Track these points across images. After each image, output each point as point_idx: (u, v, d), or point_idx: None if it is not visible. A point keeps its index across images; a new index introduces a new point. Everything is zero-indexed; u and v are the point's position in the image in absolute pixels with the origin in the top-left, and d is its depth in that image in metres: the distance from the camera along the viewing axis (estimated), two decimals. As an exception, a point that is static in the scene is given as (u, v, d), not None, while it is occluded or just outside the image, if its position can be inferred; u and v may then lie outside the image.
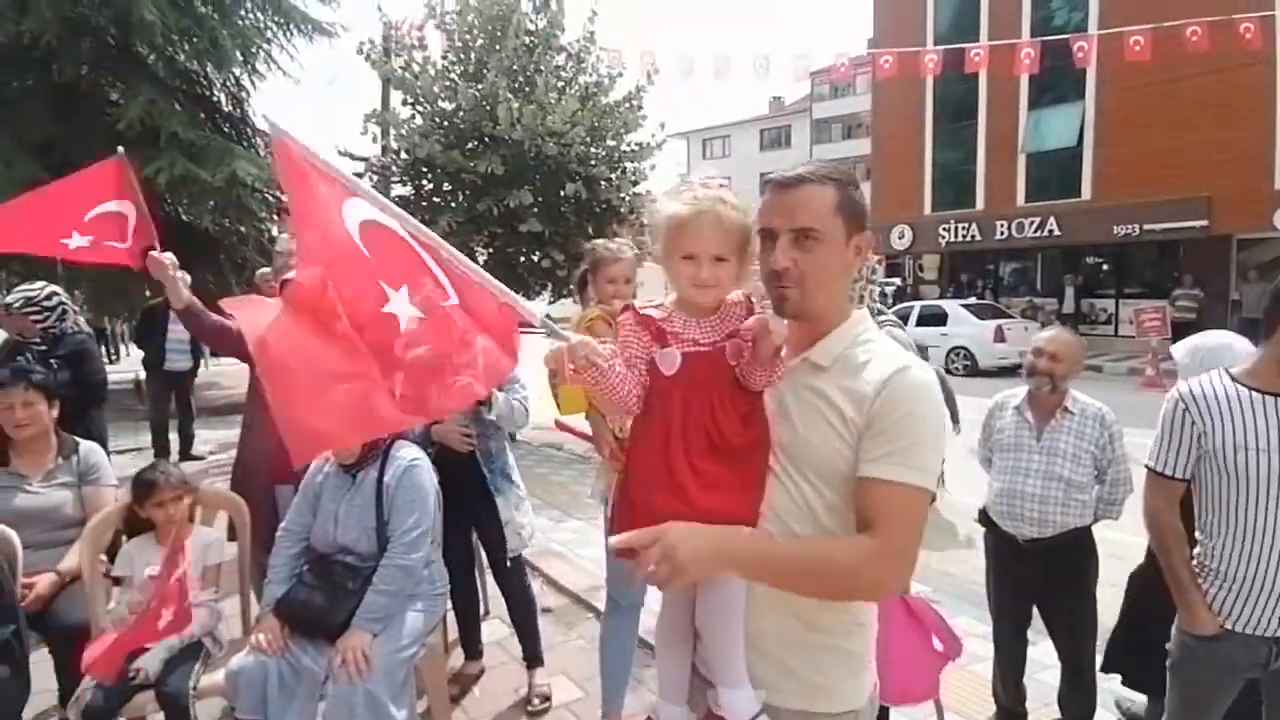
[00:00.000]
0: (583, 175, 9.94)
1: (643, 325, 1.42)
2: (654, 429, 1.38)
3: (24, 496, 3.06)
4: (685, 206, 1.38)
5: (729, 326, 1.42)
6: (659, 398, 1.39)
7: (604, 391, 1.40)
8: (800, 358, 1.42)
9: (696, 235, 1.37)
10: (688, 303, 1.43)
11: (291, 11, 12.98)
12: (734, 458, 1.36)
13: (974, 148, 20.62)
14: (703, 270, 1.37)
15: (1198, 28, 11.45)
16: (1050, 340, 3.04)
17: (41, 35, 10.12)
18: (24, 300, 4.36)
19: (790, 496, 1.37)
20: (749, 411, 1.40)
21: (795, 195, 1.37)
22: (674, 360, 1.38)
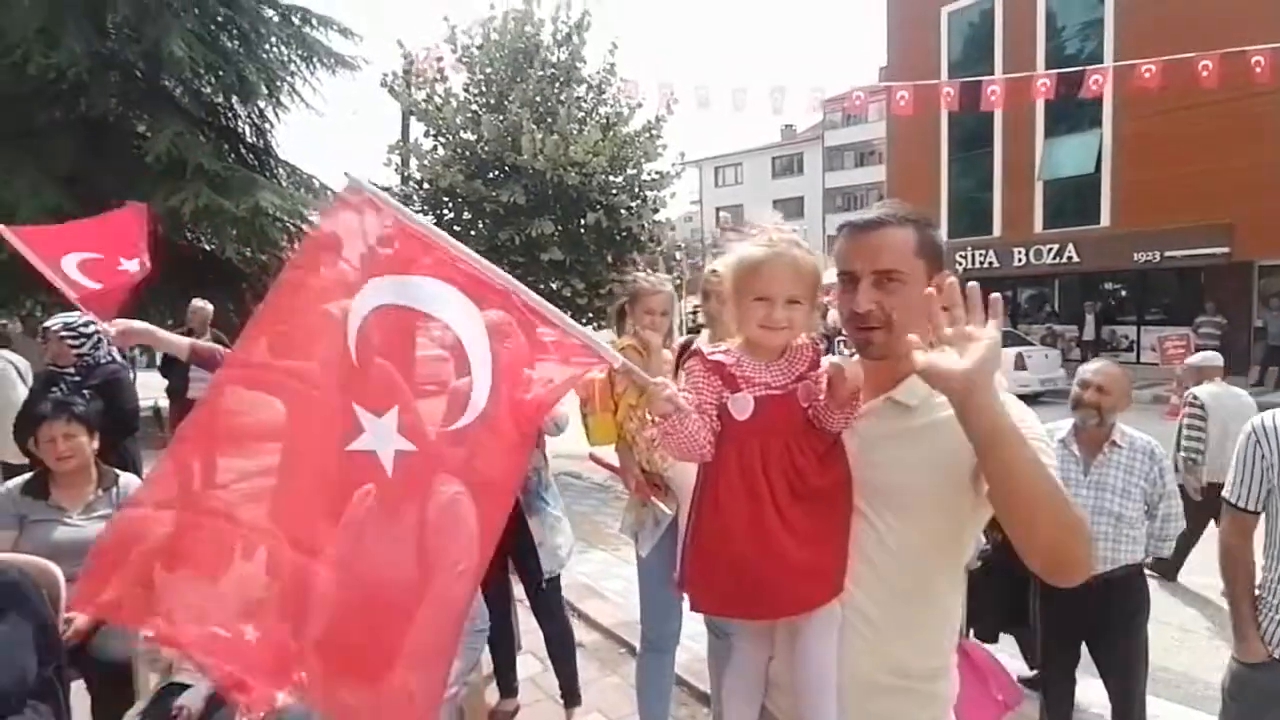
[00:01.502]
0: (604, 204, 10.02)
1: (713, 370, 1.40)
2: (731, 476, 1.35)
3: (63, 529, 3.04)
4: (761, 249, 1.39)
5: (798, 369, 1.41)
6: (733, 444, 1.37)
7: (681, 438, 1.37)
8: (883, 398, 1.41)
9: (771, 277, 1.37)
10: (757, 345, 1.42)
11: (315, 45, 13.29)
12: (817, 501, 1.34)
13: (990, 175, 20.65)
14: (776, 312, 1.37)
15: (1208, 61, 11.48)
16: (1097, 372, 3.00)
17: (71, 69, 10.37)
18: (63, 325, 4.40)
19: (879, 538, 1.35)
20: (826, 452, 1.38)
21: (875, 238, 1.37)
22: (747, 405, 1.37)
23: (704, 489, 1.42)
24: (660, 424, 1.38)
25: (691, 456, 1.40)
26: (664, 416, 1.37)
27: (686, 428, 1.36)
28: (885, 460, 1.36)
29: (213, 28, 12.33)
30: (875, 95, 15.96)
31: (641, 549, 3.01)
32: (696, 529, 1.41)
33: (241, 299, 12.42)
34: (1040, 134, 19.41)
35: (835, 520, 1.35)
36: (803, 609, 1.34)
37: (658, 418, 1.39)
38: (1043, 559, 1.16)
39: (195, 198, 10.69)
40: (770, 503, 1.31)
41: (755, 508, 1.31)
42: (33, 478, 3.13)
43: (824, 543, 1.33)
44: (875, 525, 1.35)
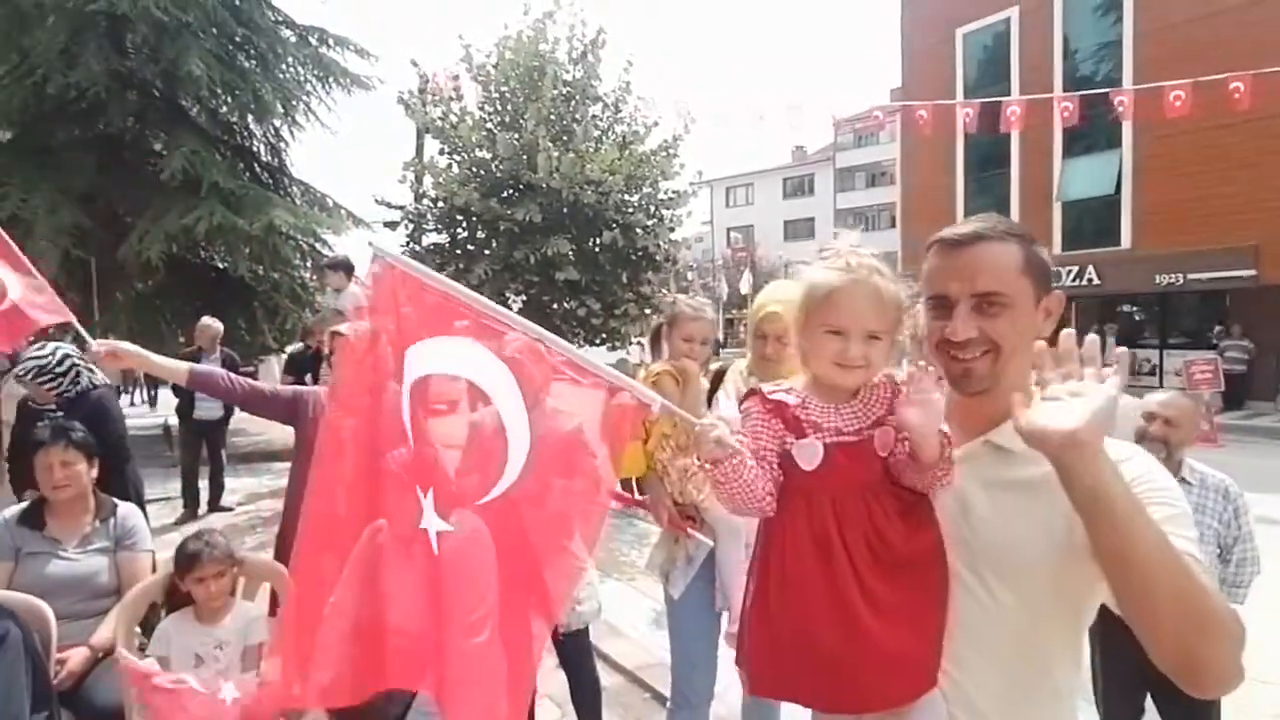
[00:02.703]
0: (620, 223, 9.91)
1: (774, 412, 1.22)
2: (799, 537, 1.16)
3: (58, 563, 2.88)
4: (837, 275, 1.21)
5: (874, 413, 1.22)
6: (800, 498, 1.18)
7: (735, 488, 1.18)
8: (981, 440, 1.21)
9: (849, 308, 1.19)
10: (829, 384, 1.23)
11: (332, 65, 13.30)
12: (905, 571, 1.13)
13: (1007, 196, 20.46)
14: (852, 348, 1.19)
15: (1240, 84, 11.33)
16: (1165, 404, 2.80)
17: (90, 88, 10.38)
18: (36, 370, 4.06)
19: (984, 611, 1.14)
20: (911, 510, 1.18)
21: (973, 255, 1.18)
22: (815, 453, 1.18)
23: (766, 549, 1.22)
24: (711, 470, 1.20)
25: (748, 509, 1.21)
26: (713, 462, 1.19)
27: (741, 476, 1.17)
28: (987, 516, 1.17)
29: (230, 48, 12.35)
30: (894, 114, 15.86)
31: (673, 589, 2.80)
32: (759, 596, 1.21)
33: (254, 317, 12.34)
34: (1058, 155, 19.24)
35: (929, 593, 1.14)
36: (893, 703, 1.13)
37: (707, 464, 1.21)
38: (1170, 661, 0.97)
39: (210, 215, 10.63)
40: (850, 573, 1.11)
41: (832, 578, 1.12)
42: (29, 507, 2.98)
43: (917, 621, 1.12)
44: (977, 595, 1.15)
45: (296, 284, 12.91)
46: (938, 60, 21.41)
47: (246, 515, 7.83)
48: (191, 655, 2.52)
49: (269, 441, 11.64)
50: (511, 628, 1.42)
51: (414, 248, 11.26)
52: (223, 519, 7.60)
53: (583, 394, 1.31)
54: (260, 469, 10.27)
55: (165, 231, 10.47)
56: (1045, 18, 19.22)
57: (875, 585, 1.11)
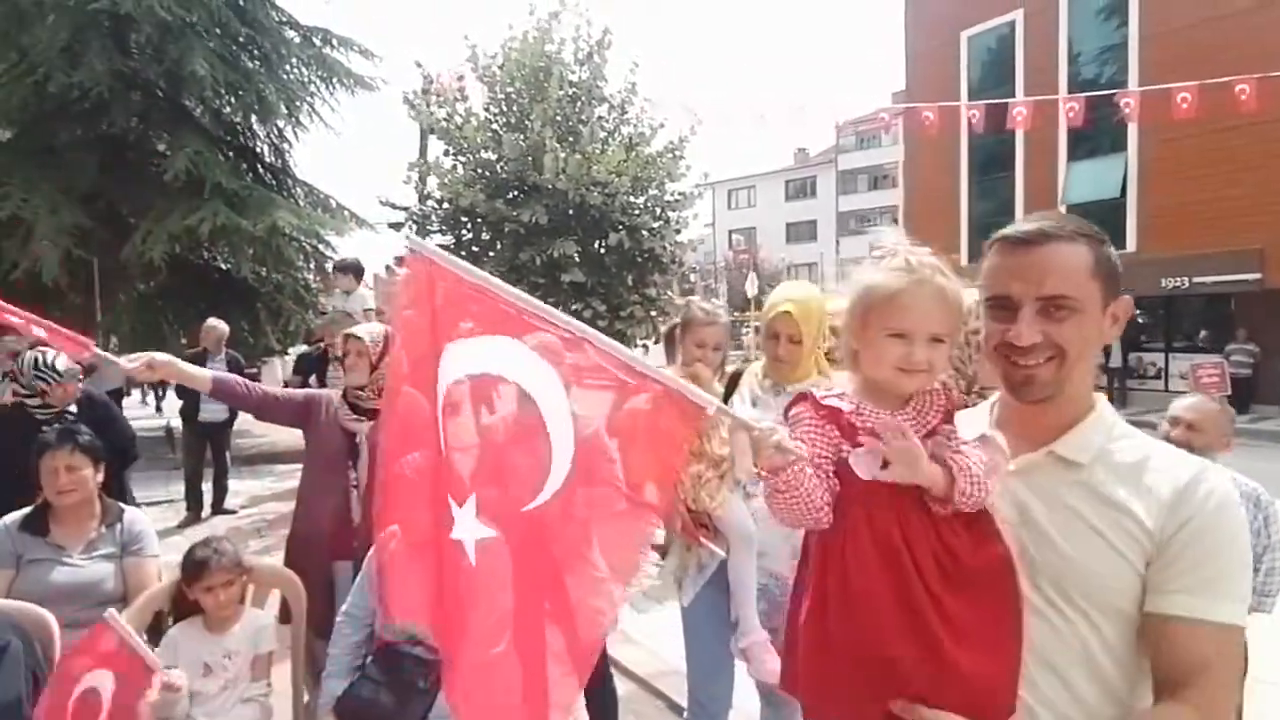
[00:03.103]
0: (626, 225, 9.85)
1: (828, 418, 1.16)
2: (863, 550, 1.09)
3: (62, 570, 2.81)
4: (900, 276, 1.14)
5: (930, 419, 1.16)
6: (859, 509, 1.11)
7: (795, 498, 1.12)
8: (1044, 451, 1.16)
9: (913, 310, 1.13)
10: (886, 388, 1.17)
11: (335, 66, 13.26)
12: (975, 587, 1.07)
13: (1011, 198, 20.41)
14: (916, 351, 1.13)
15: (1246, 86, 11.28)
16: (1189, 408, 2.74)
17: (93, 88, 10.34)
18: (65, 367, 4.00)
19: (1057, 631, 1.09)
20: (975, 523, 1.11)
21: (1041, 256, 1.13)
22: (874, 461, 1.11)
23: (822, 564, 1.15)
24: (769, 480, 1.13)
25: (805, 521, 1.14)
26: (774, 470, 1.12)
27: (803, 485, 1.10)
28: (1052, 532, 1.11)
29: (234, 48, 12.32)
30: (898, 116, 15.83)
31: (684, 598, 2.75)
32: (815, 615, 1.14)
33: (257, 318, 12.29)
34: (1063, 157, 19.19)
35: (1003, 611, 1.08)
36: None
37: (765, 472, 1.14)
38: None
39: (213, 216, 10.59)
40: (922, 589, 1.05)
41: (903, 596, 1.05)
42: (32, 512, 2.90)
43: (994, 641, 1.06)
44: (1046, 615, 1.09)
45: (300, 285, 12.87)
46: (942, 62, 21.36)
47: (250, 518, 7.78)
48: (200, 665, 2.46)
49: (272, 444, 11.60)
50: (530, 639, 1.36)
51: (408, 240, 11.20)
52: (226, 522, 7.55)
53: (635, 395, 1.23)
54: (263, 471, 10.22)
55: (168, 232, 10.42)
56: (1050, 20, 19.18)
57: (948, 603, 1.05)
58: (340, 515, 3.01)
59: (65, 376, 3.93)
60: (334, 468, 3.06)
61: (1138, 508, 1.07)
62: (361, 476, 3.03)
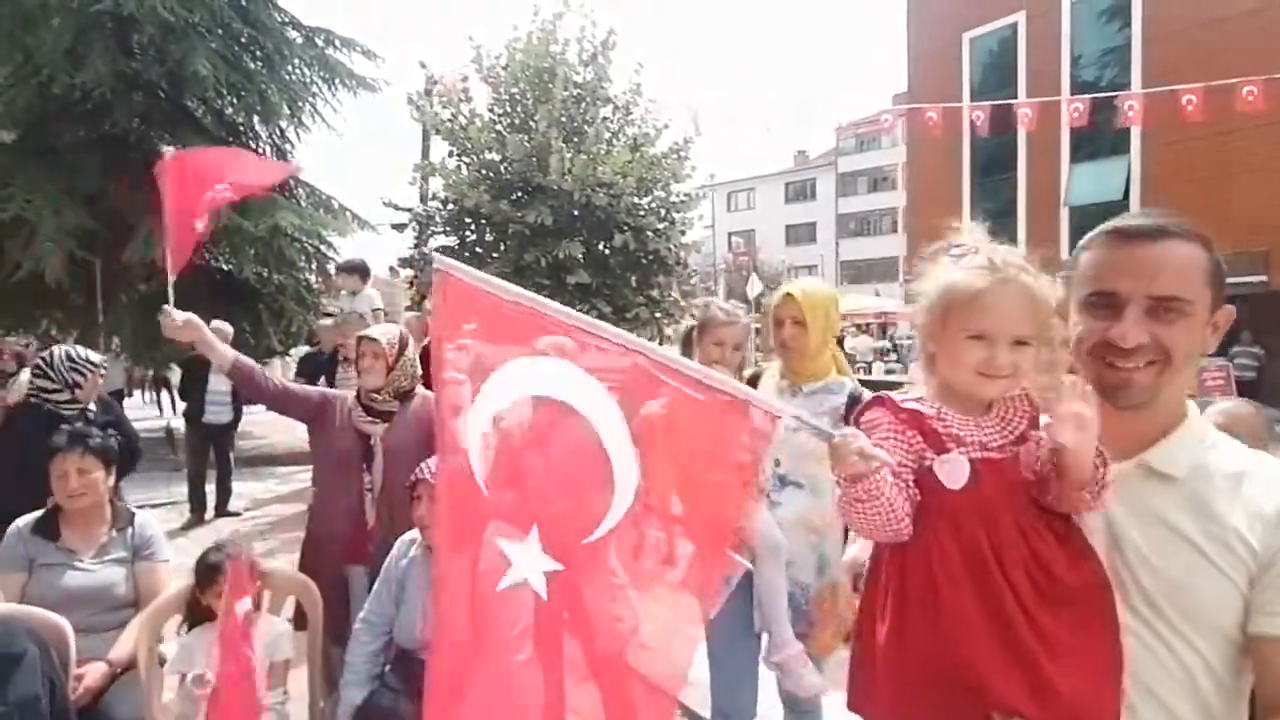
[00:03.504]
0: (631, 226, 9.81)
1: (910, 423, 1.10)
2: (951, 565, 1.03)
3: (74, 574, 2.77)
4: (982, 274, 1.09)
5: (1016, 426, 1.11)
6: (943, 521, 1.06)
7: (876, 508, 1.06)
8: (1135, 462, 1.09)
9: (996, 311, 1.07)
10: (965, 394, 1.12)
11: (338, 67, 13.21)
12: (1071, 606, 1.01)
13: (1014, 200, 20.40)
14: (999, 355, 1.07)
15: (1253, 87, 11.26)
16: (1222, 411, 2.68)
17: (95, 89, 10.29)
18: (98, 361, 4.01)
19: (1154, 654, 1.03)
20: (1067, 537, 1.06)
21: (1155, 252, 1.08)
22: (962, 470, 1.06)
23: (902, 578, 1.09)
24: (848, 489, 1.06)
25: (884, 533, 1.07)
26: (854, 478, 1.05)
27: (885, 494, 1.04)
28: (1145, 549, 1.05)
29: (236, 49, 12.27)
30: (901, 117, 15.81)
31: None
32: (897, 633, 1.07)
33: (259, 319, 12.24)
34: (1065, 159, 19.18)
35: (1103, 632, 1.02)
36: None
37: (844, 480, 1.07)
38: None
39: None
40: (1016, 607, 0.99)
41: (996, 613, 0.99)
42: (43, 516, 2.87)
43: (1095, 664, 1.00)
44: (1145, 639, 1.03)
45: (302, 286, 12.82)
46: (944, 64, 21.36)
47: (254, 521, 7.73)
48: (215, 672, 2.41)
49: (272, 445, 11.56)
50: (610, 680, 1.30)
51: (421, 250, 11.17)
52: (230, 524, 7.50)
53: (699, 411, 1.16)
54: (264, 473, 10.17)
55: (171, 233, 10.37)
56: (1052, 22, 19.18)
57: (1045, 622, 0.99)
58: (354, 519, 2.97)
59: (99, 368, 3.94)
60: (347, 470, 3.02)
61: (1240, 523, 1.01)
62: (375, 479, 2.99)
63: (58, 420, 3.82)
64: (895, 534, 1.08)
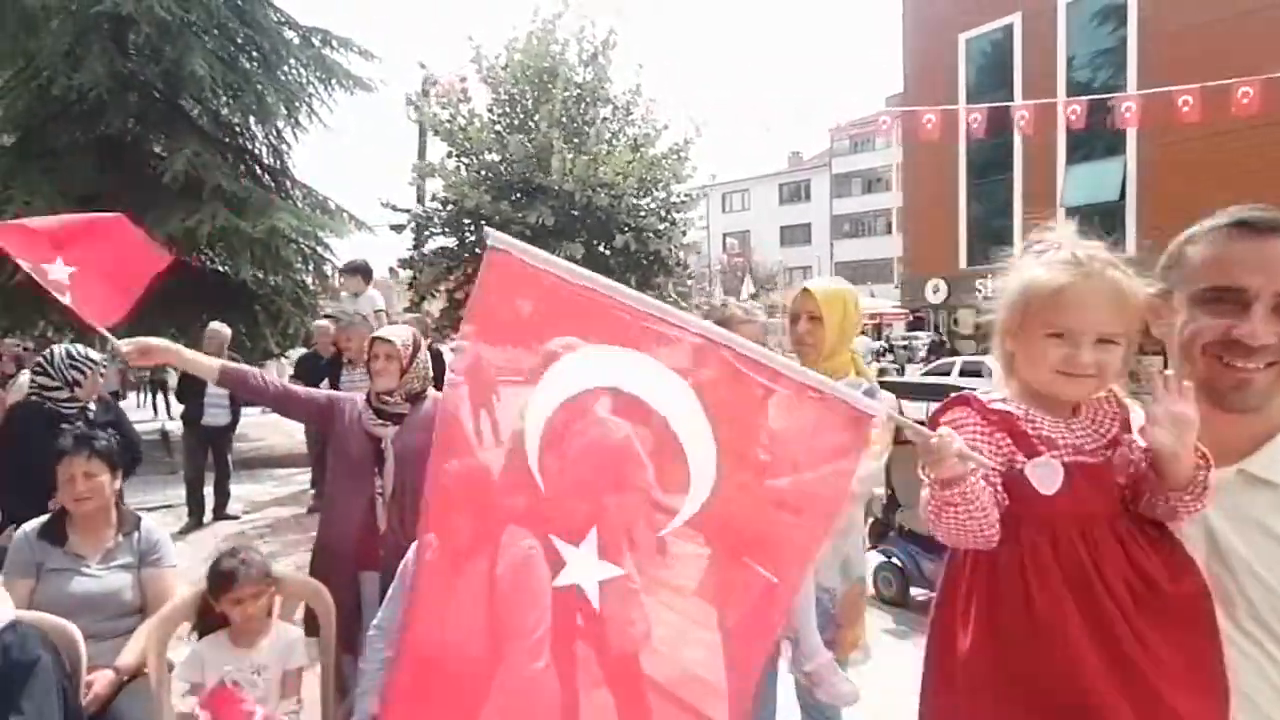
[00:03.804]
0: (632, 226, 9.78)
1: (999, 425, 1.05)
2: (1048, 575, 0.98)
3: (81, 580, 2.72)
4: (1065, 269, 1.04)
5: (1107, 429, 1.06)
6: (1035, 528, 1.00)
7: (969, 513, 1.00)
8: (1235, 469, 1.04)
9: (1078, 308, 1.03)
10: (1046, 394, 1.07)
11: (334, 67, 13.16)
12: (1174, 617, 0.96)
13: (1010, 201, 20.48)
14: (1082, 354, 1.02)
15: (1249, 88, 11.30)
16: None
17: (91, 90, 10.23)
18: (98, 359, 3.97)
19: (1259, 667, 0.99)
20: (1163, 545, 1.01)
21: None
22: (1056, 475, 1.01)
23: (991, 589, 1.03)
24: (941, 492, 1.01)
25: (974, 539, 1.02)
26: (950, 482, 0.99)
27: (980, 498, 0.99)
28: (1256, 562, 1.00)
29: (232, 49, 12.21)
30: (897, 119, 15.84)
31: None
32: (983, 648, 1.02)
33: (255, 321, 12.15)
34: (1061, 160, 19.26)
35: (1208, 647, 0.97)
36: None
37: (938, 482, 1.01)
38: None
39: (213, 218, 10.47)
40: (1121, 620, 0.94)
41: (1100, 625, 0.94)
42: (50, 520, 2.82)
43: (1202, 681, 0.95)
44: (1251, 655, 0.99)
45: (299, 288, 12.75)
46: (940, 65, 21.42)
47: (253, 524, 7.65)
48: (228, 682, 2.37)
49: (270, 447, 11.48)
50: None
51: (421, 251, 11.11)
52: (229, 528, 7.43)
53: (789, 406, 1.11)
54: (262, 475, 10.09)
55: (167, 234, 10.29)
56: (1048, 23, 19.27)
57: (1151, 637, 0.94)
58: (365, 524, 2.92)
59: (99, 366, 3.89)
60: (358, 474, 2.97)
61: None
62: (386, 483, 2.95)
63: (58, 419, 3.81)
64: (985, 541, 1.03)
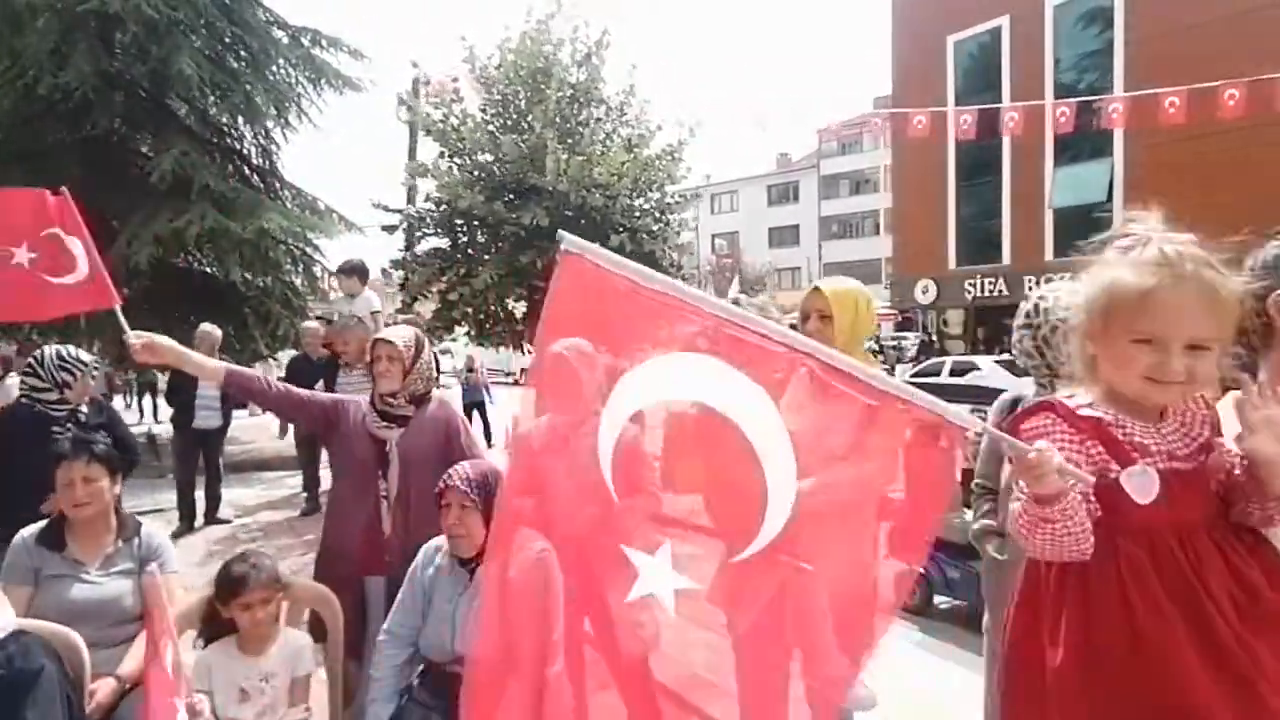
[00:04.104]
0: (627, 227, 9.75)
1: (1090, 432, 1.00)
2: (1149, 588, 0.95)
3: (81, 587, 2.66)
4: (1153, 270, 1.00)
5: (1197, 433, 1.03)
6: (1131, 539, 0.97)
7: (1068, 529, 0.96)
8: None
9: (1170, 314, 0.99)
10: (1133, 400, 1.03)
11: (324, 67, 13.05)
12: (1276, 628, 0.94)
13: (998, 202, 20.62)
14: (1172, 361, 0.98)
15: (1235, 90, 11.42)
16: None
17: (77, 89, 10.10)
18: (91, 360, 3.92)
19: None
20: (1262, 553, 0.99)
21: None
22: (1153, 484, 0.97)
23: (1085, 601, 0.99)
24: (1036, 509, 0.96)
25: (1069, 553, 0.98)
26: (1048, 499, 0.95)
27: (1078, 515, 0.95)
28: None
29: (220, 48, 12.09)
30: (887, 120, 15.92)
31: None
32: (1078, 661, 0.97)
33: (244, 323, 12.03)
34: (1049, 162, 19.40)
35: None
36: None
37: (1034, 499, 0.96)
38: None
39: (201, 219, 10.35)
40: (1229, 634, 0.91)
41: (1207, 637, 0.91)
42: (48, 526, 2.75)
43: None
44: None
45: (288, 289, 12.64)
46: (928, 68, 21.54)
47: (245, 528, 7.56)
48: (236, 689, 2.33)
49: (259, 450, 11.36)
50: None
51: (413, 252, 11.03)
52: (220, 532, 7.34)
53: (876, 418, 1.05)
54: (252, 479, 9.99)
55: (155, 235, 10.17)
56: (1035, 26, 19.41)
57: (1255, 644, 0.91)
58: (371, 528, 2.88)
59: (89, 368, 3.82)
60: (363, 478, 2.93)
61: None
62: (392, 487, 2.91)
63: (47, 421, 3.74)
64: (1079, 555, 0.99)
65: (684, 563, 1.14)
